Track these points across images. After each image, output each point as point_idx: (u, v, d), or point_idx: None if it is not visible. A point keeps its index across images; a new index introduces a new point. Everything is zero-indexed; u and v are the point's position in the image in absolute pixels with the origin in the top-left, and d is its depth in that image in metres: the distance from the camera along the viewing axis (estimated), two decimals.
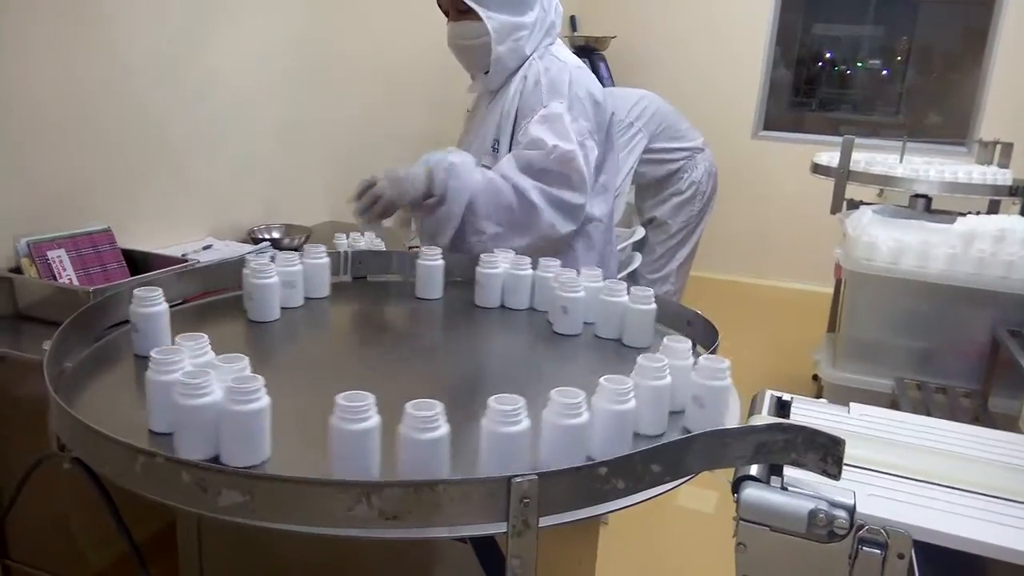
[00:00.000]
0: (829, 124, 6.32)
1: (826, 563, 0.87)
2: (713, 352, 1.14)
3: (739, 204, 5.20)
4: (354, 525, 0.75)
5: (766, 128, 5.42)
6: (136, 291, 1.12)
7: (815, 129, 6.05)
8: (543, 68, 1.65)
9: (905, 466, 0.95)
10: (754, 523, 0.89)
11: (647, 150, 3.19)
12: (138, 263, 1.92)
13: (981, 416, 2.36)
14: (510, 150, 1.66)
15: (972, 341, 2.52)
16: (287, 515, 0.75)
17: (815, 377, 3.10)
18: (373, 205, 1.55)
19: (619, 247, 2.42)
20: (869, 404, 1.25)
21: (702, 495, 2.67)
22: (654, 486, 0.85)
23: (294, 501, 0.74)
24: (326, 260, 1.45)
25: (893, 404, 2.45)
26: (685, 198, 3.29)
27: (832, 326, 3.38)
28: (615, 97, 3.24)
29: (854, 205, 3.31)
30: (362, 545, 1.11)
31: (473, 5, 1.62)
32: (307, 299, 1.41)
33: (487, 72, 1.71)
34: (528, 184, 1.56)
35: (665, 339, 1.08)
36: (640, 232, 2.77)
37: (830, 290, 3.69)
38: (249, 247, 2.27)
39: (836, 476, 0.87)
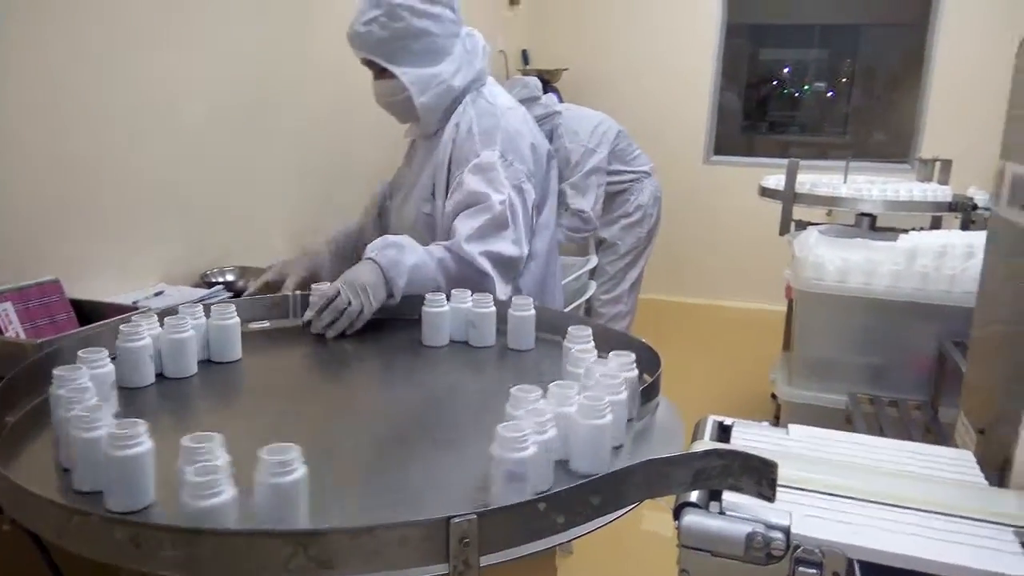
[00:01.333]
0: (779, 146, 6.48)
1: None
2: (655, 380, 1.16)
3: (693, 228, 5.31)
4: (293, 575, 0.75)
5: (717, 153, 5.55)
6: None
7: (766, 152, 6.21)
8: (475, 115, 1.68)
9: (842, 485, 0.98)
10: (695, 549, 0.91)
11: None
12: (89, 313, 1.89)
13: (932, 427, 2.41)
14: (446, 196, 1.67)
15: (920, 354, 2.58)
16: (222, 569, 0.74)
17: (774, 396, 3.15)
18: (335, 321, 1.43)
19: (573, 276, 2.45)
20: (825, 420, 1.29)
21: (666, 520, 2.68)
22: (594, 519, 0.86)
23: (229, 554, 0.74)
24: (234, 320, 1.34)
25: (847, 420, 2.50)
26: (633, 220, 3.42)
27: (787, 345, 3.44)
28: (580, 119, 3.44)
29: (803, 226, 3.39)
30: None
31: (385, 65, 1.65)
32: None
33: (418, 120, 1.74)
34: (475, 251, 1.56)
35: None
36: (594, 261, 2.82)
37: (784, 309, 3.77)
38: (202, 291, 2.25)
39: (771, 498, 0.89)
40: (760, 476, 0.90)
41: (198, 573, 0.74)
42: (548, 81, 4.89)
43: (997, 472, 1.11)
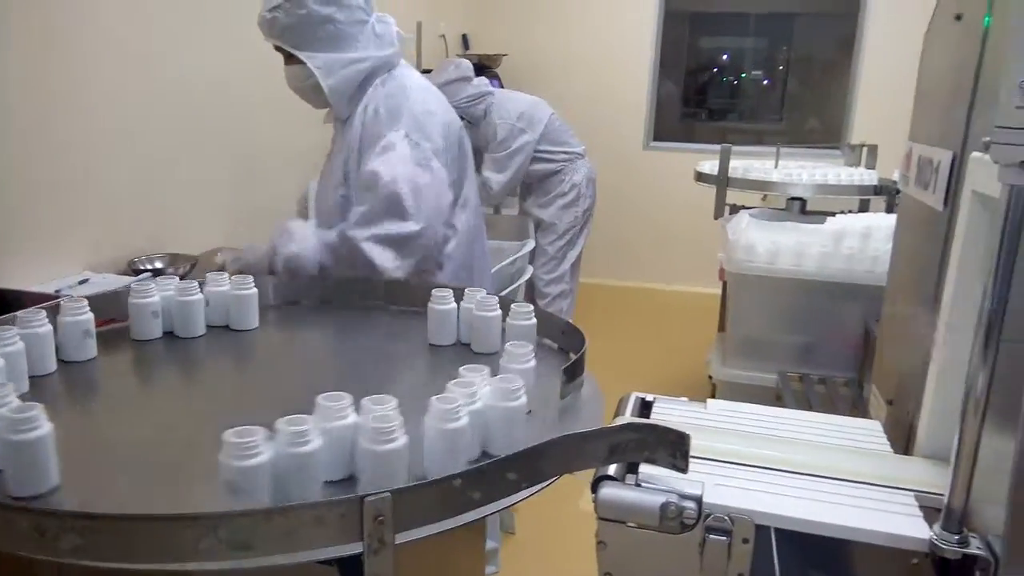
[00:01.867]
0: (717, 133, 6.59)
1: (680, 553, 0.91)
2: (579, 359, 1.18)
3: (633, 213, 5.38)
4: (204, 558, 0.74)
5: (657, 139, 5.61)
6: None
7: (705, 138, 6.30)
8: (383, 97, 1.69)
9: (753, 455, 1.01)
10: (612, 520, 0.93)
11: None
12: (11, 302, 1.83)
13: (858, 403, 2.50)
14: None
15: (846, 333, 2.67)
16: (133, 554, 0.73)
17: (711, 377, 3.22)
18: None
19: (508, 260, 2.46)
20: (757, 398, 1.32)
21: None
22: (511, 494, 0.87)
23: (138, 539, 0.73)
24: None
25: (777, 397, 2.57)
26: (569, 200, 3.52)
27: (722, 327, 3.52)
28: (510, 100, 3.54)
29: (738, 210, 3.46)
30: None
31: (292, 51, 1.68)
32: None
33: (329, 106, 1.76)
34: (359, 236, 1.60)
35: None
36: (531, 244, 2.85)
37: (720, 292, 3.85)
38: (130, 279, 2.19)
39: (684, 469, 0.92)
40: (674, 448, 0.93)
41: (101, 559, 0.73)
42: (488, 66, 4.89)
43: (903, 441, 1.16)
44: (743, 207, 3.48)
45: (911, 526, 0.86)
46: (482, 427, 0.94)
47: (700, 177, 3.58)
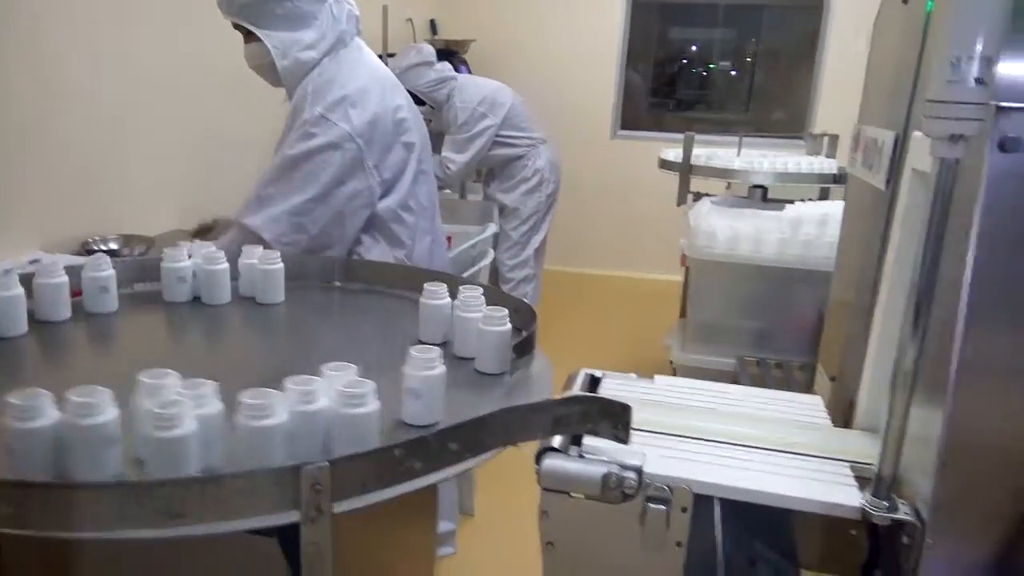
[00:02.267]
0: (685, 123, 6.61)
1: (621, 522, 0.93)
2: (529, 336, 1.18)
3: (599, 201, 5.40)
4: (136, 526, 0.73)
5: (625, 128, 5.63)
6: None
7: (673, 128, 6.32)
8: (316, 76, 1.68)
9: (696, 428, 1.03)
10: (555, 491, 0.94)
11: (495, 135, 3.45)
12: None
13: (812, 387, 2.54)
14: None
15: (803, 318, 2.71)
16: (64, 523, 0.72)
17: (672, 361, 3.25)
18: None
19: (470, 243, 2.46)
20: (715, 382, 1.33)
21: None
22: (453, 464, 0.88)
23: (68, 507, 0.72)
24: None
25: (735, 381, 2.61)
26: (532, 185, 3.55)
27: (683, 312, 3.55)
28: (473, 85, 3.54)
29: (701, 198, 3.49)
30: (175, 547, 1.07)
31: (249, 27, 1.67)
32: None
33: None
34: (250, 221, 1.63)
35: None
36: (492, 228, 2.85)
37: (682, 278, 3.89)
38: (83, 259, 2.15)
39: (625, 440, 0.92)
40: (616, 420, 0.93)
41: (34, 528, 0.72)
42: (456, 52, 4.86)
43: (844, 415, 1.19)
44: (707, 195, 3.51)
45: (844, 494, 0.88)
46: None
47: (664, 164, 3.61)
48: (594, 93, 5.45)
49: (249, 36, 1.71)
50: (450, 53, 4.81)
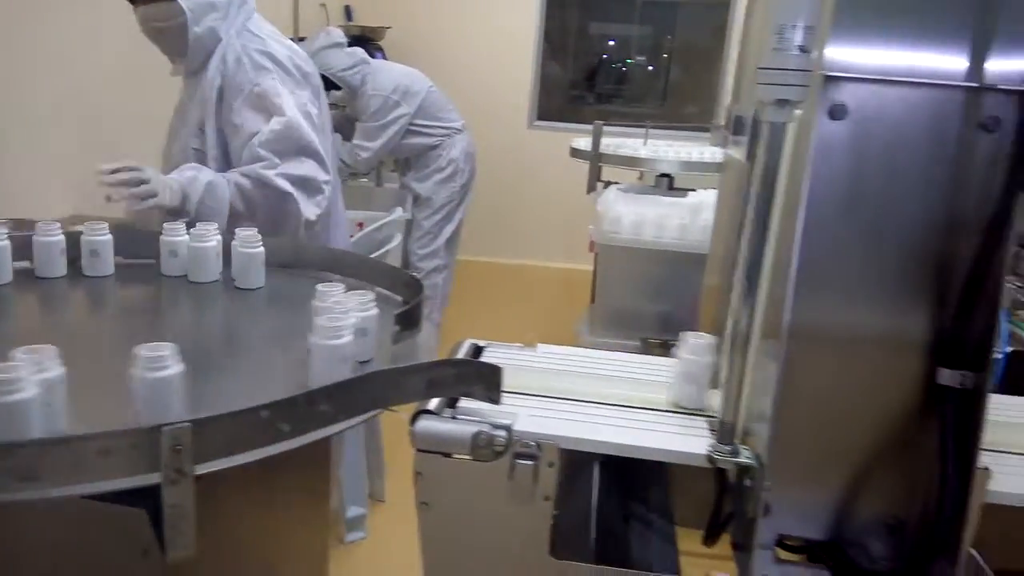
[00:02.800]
0: (604, 116, 6.73)
1: (492, 480, 0.96)
2: (414, 307, 1.20)
3: (515, 190, 5.45)
4: None
5: (544, 119, 5.70)
6: None
7: (592, 121, 6.43)
8: (242, 46, 1.67)
9: (567, 389, 1.07)
10: (429, 452, 0.96)
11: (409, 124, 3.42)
12: None
13: None
14: (217, 132, 1.66)
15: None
16: None
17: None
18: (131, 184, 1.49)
19: (375, 225, 2.46)
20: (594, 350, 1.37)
21: None
22: (325, 426, 0.89)
23: None
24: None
25: None
26: (446, 175, 3.52)
27: (593, 298, 3.63)
28: (387, 71, 3.49)
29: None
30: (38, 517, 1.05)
31: None
32: None
33: (186, 55, 1.70)
34: (270, 173, 1.59)
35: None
36: (398, 212, 2.85)
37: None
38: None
39: (497, 401, 0.96)
40: (488, 382, 0.97)
41: None
42: (372, 39, 4.82)
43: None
44: (617, 183, 3.59)
45: (695, 443, 0.94)
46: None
47: (575, 153, 3.67)
48: (511, 84, 5.49)
49: None
50: (365, 40, 4.77)
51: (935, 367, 0.85)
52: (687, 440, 0.94)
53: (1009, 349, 1.47)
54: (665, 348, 2.75)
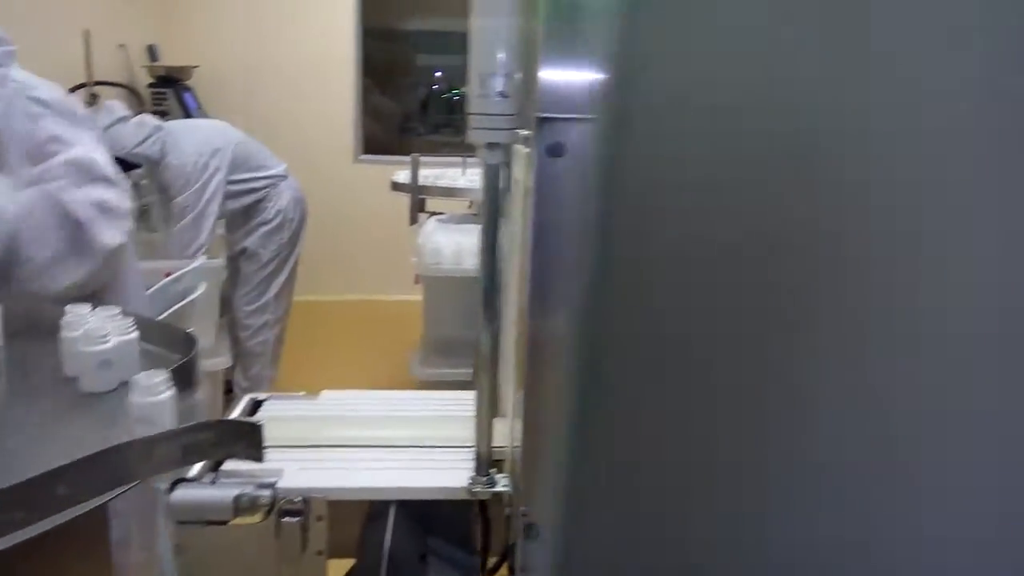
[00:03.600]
0: (434, 147, 6.83)
1: (260, 542, 0.93)
2: (187, 362, 1.15)
3: (346, 227, 5.38)
4: None
5: (372, 152, 5.67)
6: None
7: (424, 152, 6.48)
8: (7, 96, 1.55)
9: (341, 436, 1.06)
10: (190, 523, 0.92)
11: (227, 183, 3.12)
12: None
13: None
14: None
15: None
16: None
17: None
18: None
19: (174, 276, 2.34)
20: (381, 391, 1.37)
21: None
22: (64, 509, 0.83)
23: None
24: None
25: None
26: (273, 227, 3.27)
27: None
28: (186, 132, 3.13)
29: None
30: None
31: None
32: None
33: None
34: (63, 195, 1.43)
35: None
36: (199, 261, 2.68)
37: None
38: None
39: (259, 458, 0.93)
40: (250, 440, 0.94)
41: None
42: (179, 79, 4.62)
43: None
44: (442, 214, 3.64)
45: (454, 477, 0.96)
46: None
47: (396, 187, 3.69)
48: (333, 119, 5.43)
49: None
50: (172, 80, 4.57)
51: None
52: (451, 475, 0.96)
53: None
54: None
